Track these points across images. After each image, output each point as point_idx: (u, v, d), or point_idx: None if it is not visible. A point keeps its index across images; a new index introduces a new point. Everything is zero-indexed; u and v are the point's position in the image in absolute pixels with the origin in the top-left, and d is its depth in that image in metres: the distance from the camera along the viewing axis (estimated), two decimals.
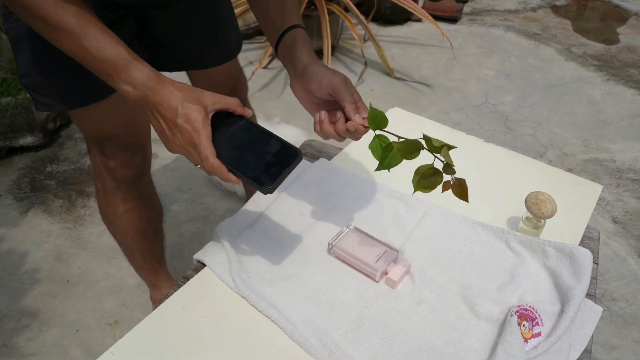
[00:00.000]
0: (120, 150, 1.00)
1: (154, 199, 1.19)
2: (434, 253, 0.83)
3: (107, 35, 0.64)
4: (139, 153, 1.05)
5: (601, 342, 1.38)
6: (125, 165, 1.02)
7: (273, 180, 0.64)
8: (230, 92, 1.23)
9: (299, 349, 0.69)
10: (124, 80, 0.64)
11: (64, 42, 0.64)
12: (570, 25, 3.11)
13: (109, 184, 1.06)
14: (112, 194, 1.08)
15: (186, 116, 0.64)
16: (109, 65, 0.64)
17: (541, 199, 0.82)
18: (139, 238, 1.17)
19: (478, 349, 0.69)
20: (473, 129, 2.17)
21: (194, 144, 0.64)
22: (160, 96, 0.64)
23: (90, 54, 0.63)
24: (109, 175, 1.04)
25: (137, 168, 1.06)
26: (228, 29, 1.09)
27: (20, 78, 0.89)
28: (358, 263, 0.79)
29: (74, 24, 0.62)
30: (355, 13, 2.37)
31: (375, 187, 0.95)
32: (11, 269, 1.53)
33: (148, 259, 1.24)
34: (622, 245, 1.66)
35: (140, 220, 1.14)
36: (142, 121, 1.02)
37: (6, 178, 1.85)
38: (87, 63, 0.65)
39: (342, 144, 1.13)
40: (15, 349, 1.32)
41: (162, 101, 0.64)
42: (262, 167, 0.66)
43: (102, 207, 1.12)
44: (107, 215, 1.13)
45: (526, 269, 0.80)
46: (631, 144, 2.13)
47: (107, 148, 0.99)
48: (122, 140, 0.99)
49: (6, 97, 1.82)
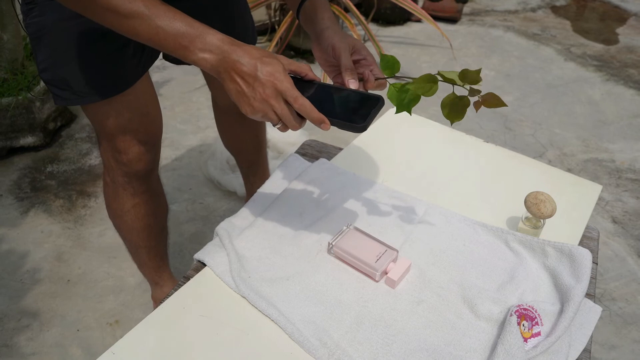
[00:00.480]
0: (133, 146, 1.01)
1: (161, 196, 1.20)
2: (434, 253, 0.83)
3: (175, 12, 0.66)
4: (151, 149, 1.06)
5: (600, 342, 1.38)
6: (138, 160, 1.04)
7: (364, 119, 0.65)
8: None
9: (299, 348, 0.69)
10: (200, 48, 0.65)
11: (138, 27, 0.65)
12: (569, 26, 3.11)
13: (119, 179, 1.07)
14: (121, 189, 1.08)
15: (267, 69, 0.64)
16: (184, 38, 0.65)
17: (541, 199, 0.82)
18: (145, 234, 1.18)
19: (478, 348, 0.69)
20: (473, 129, 2.17)
21: (278, 91, 0.65)
22: (238, 54, 0.65)
23: (164, 31, 0.65)
24: (119, 170, 1.05)
25: (149, 164, 1.07)
26: (244, 21, 1.10)
27: (39, 73, 0.91)
28: (358, 263, 0.79)
29: (143, 7, 0.64)
30: (355, 13, 2.37)
31: (375, 187, 0.96)
32: (11, 269, 1.53)
33: (152, 255, 1.24)
34: (622, 245, 1.67)
35: (147, 215, 1.15)
36: (156, 117, 1.04)
37: (7, 178, 1.85)
38: (161, 42, 0.66)
39: (342, 144, 1.13)
40: (15, 348, 1.33)
41: (241, 59, 0.65)
42: (349, 112, 0.67)
43: (110, 201, 1.13)
44: (114, 210, 1.14)
45: (526, 269, 0.80)
46: (631, 144, 2.13)
47: (121, 143, 1.00)
48: (136, 136, 1.00)
49: (7, 97, 1.82)
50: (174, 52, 0.67)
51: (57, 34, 0.85)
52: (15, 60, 1.89)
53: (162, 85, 2.39)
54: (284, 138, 1.95)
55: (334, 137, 2.06)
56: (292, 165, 1.02)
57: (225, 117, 1.37)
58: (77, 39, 0.85)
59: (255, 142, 1.44)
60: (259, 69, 0.64)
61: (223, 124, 1.40)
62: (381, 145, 1.07)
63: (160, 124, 1.06)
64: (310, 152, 1.07)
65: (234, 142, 1.45)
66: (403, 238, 0.85)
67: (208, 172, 1.85)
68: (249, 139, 1.42)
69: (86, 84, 0.89)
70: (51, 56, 0.88)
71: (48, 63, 0.89)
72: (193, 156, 1.98)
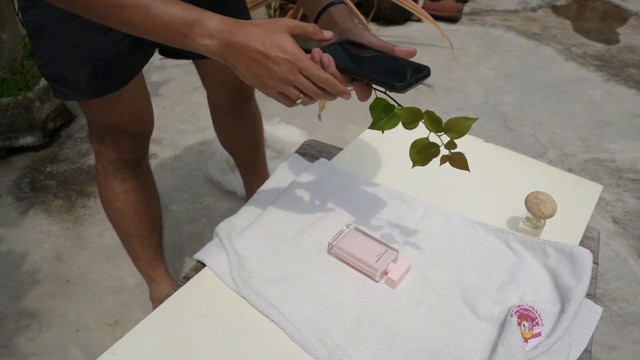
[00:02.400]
0: (124, 138, 1.03)
1: (151, 185, 1.21)
2: (434, 253, 0.83)
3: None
4: (141, 141, 1.08)
5: (601, 342, 1.38)
6: (127, 151, 1.06)
7: (403, 80, 0.62)
8: (239, 87, 1.24)
9: (299, 349, 0.69)
10: (200, 34, 0.62)
11: (133, 17, 0.62)
12: (570, 26, 3.11)
13: (109, 166, 1.09)
14: (111, 174, 1.11)
15: (278, 46, 0.62)
16: (182, 25, 0.62)
17: (541, 199, 0.82)
18: (135, 221, 1.18)
19: (478, 349, 0.69)
20: (473, 129, 2.17)
21: (297, 68, 0.62)
22: (243, 37, 0.62)
23: (161, 19, 0.62)
24: (109, 156, 1.07)
25: (138, 153, 1.10)
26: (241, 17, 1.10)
27: (39, 68, 0.92)
28: (358, 263, 0.79)
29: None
30: (355, 13, 2.36)
31: (375, 187, 0.95)
32: (11, 269, 1.53)
33: (146, 247, 1.25)
34: (622, 246, 1.66)
35: (137, 202, 1.16)
36: (147, 111, 1.06)
37: (6, 178, 1.85)
38: (159, 32, 0.63)
39: (342, 144, 1.13)
40: (15, 349, 1.32)
41: (247, 41, 0.62)
42: (390, 74, 0.64)
43: (101, 188, 1.15)
44: (105, 197, 1.16)
45: (526, 269, 0.80)
46: (631, 144, 2.13)
47: (111, 136, 1.02)
48: (127, 130, 1.03)
49: (6, 97, 1.82)
50: (173, 41, 0.64)
51: (54, 31, 0.85)
52: (15, 60, 1.88)
53: (162, 85, 2.39)
54: (284, 138, 1.95)
55: (334, 137, 2.06)
56: (292, 165, 1.02)
57: (221, 115, 1.37)
58: (74, 37, 0.86)
59: (252, 141, 1.44)
60: (270, 48, 0.62)
61: (219, 122, 1.40)
62: (381, 145, 1.07)
63: (151, 117, 1.08)
64: (310, 152, 1.07)
65: (231, 141, 1.44)
66: (403, 238, 0.85)
67: (208, 172, 1.85)
68: (246, 138, 1.42)
69: (83, 82, 0.90)
70: (49, 53, 0.89)
71: (46, 60, 0.89)
72: (193, 156, 1.98)
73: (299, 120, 2.15)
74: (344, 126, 2.16)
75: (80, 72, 0.89)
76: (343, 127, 2.14)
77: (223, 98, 1.29)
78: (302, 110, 2.23)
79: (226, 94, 1.27)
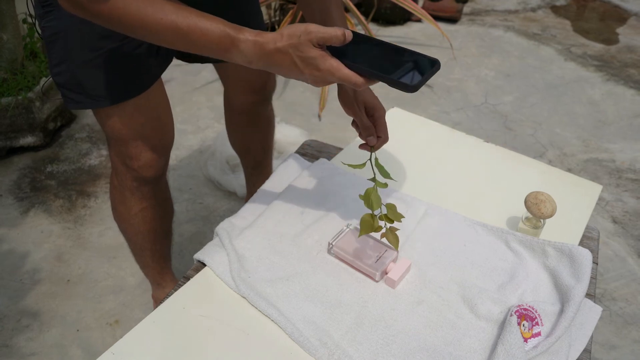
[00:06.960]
0: (145, 152, 0.99)
1: (168, 200, 1.19)
2: (434, 253, 0.83)
3: (206, 17, 0.65)
4: (162, 156, 1.04)
5: (601, 342, 1.38)
6: (149, 167, 1.02)
7: (417, 79, 0.65)
8: (261, 88, 1.24)
9: (299, 348, 0.69)
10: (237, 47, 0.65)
11: (177, 44, 0.66)
12: (570, 26, 3.11)
13: (128, 183, 1.05)
14: (129, 193, 1.07)
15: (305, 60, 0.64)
16: (225, 38, 0.65)
17: (541, 199, 0.82)
18: (150, 237, 1.17)
19: (478, 348, 0.69)
20: (473, 129, 2.17)
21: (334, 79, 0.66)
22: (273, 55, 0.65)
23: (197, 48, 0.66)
24: (129, 175, 1.03)
25: (159, 170, 1.06)
26: (257, 20, 1.11)
27: (52, 76, 0.90)
28: (358, 263, 0.79)
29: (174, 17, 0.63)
30: (355, 13, 2.37)
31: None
32: (11, 269, 1.53)
33: (157, 258, 1.24)
34: (622, 245, 1.67)
35: (154, 219, 1.14)
36: (168, 122, 1.03)
37: (6, 178, 1.85)
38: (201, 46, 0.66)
39: (342, 144, 1.13)
40: (15, 349, 1.32)
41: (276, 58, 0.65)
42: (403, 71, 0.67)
43: (117, 204, 1.12)
44: (120, 214, 1.13)
45: (526, 269, 0.80)
46: (631, 144, 2.13)
47: (133, 149, 0.98)
48: (149, 142, 0.99)
49: (6, 97, 1.82)
50: (216, 55, 0.66)
51: (73, 37, 0.84)
52: (15, 60, 1.88)
53: None
54: (284, 138, 1.95)
55: (334, 137, 2.06)
56: (292, 165, 1.02)
57: (238, 117, 1.36)
58: (93, 42, 0.85)
59: (264, 143, 1.44)
60: (298, 64, 0.64)
61: (234, 124, 1.39)
62: None
63: (172, 129, 1.05)
64: (310, 152, 1.07)
65: (242, 142, 1.44)
66: (403, 238, 0.85)
67: (208, 172, 1.85)
68: (259, 140, 1.42)
69: (101, 88, 0.89)
70: (66, 59, 0.87)
71: (63, 66, 0.88)
72: (193, 156, 1.98)
73: (299, 120, 2.15)
74: (344, 126, 2.16)
75: (99, 77, 0.87)
76: (343, 127, 2.14)
77: (243, 98, 1.28)
78: (302, 110, 2.23)
79: (247, 94, 1.26)
